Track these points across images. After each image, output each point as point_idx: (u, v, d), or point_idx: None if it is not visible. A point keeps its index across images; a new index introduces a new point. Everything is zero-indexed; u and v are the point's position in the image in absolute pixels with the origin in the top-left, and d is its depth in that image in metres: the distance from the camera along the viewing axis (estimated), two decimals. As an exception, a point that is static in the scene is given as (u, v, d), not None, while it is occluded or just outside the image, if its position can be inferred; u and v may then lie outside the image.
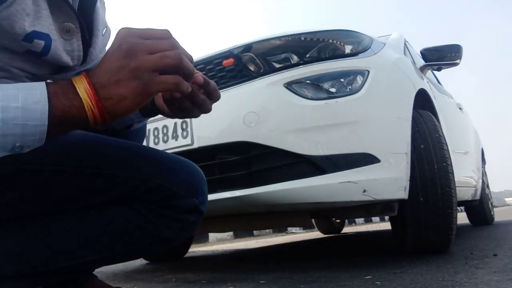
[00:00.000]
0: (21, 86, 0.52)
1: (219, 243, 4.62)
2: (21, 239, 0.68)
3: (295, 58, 1.56)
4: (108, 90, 0.53)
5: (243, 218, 1.87)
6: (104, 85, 0.53)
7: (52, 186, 0.66)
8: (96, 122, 0.54)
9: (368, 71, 1.52)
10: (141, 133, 0.96)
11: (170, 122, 1.55)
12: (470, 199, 2.89)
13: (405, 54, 2.17)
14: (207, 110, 0.71)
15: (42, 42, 0.60)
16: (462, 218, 4.13)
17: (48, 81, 0.55)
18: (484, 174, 3.79)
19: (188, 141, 1.50)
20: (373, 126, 1.45)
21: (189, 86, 0.57)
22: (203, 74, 0.69)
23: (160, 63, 0.54)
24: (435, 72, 3.03)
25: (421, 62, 2.38)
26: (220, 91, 1.64)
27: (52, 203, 0.69)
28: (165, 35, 0.56)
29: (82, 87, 0.53)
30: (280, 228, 6.07)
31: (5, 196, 0.65)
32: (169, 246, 0.78)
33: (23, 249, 0.68)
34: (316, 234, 4.88)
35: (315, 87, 1.46)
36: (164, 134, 1.56)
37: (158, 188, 0.71)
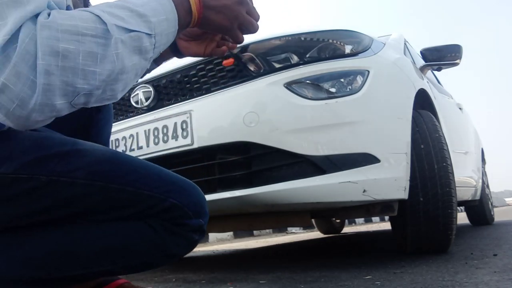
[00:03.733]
0: None
1: (219, 243, 4.62)
2: (42, 246, 0.70)
3: (295, 58, 1.56)
4: (210, 2, 0.71)
5: (243, 218, 1.87)
6: None
7: (80, 199, 0.69)
8: (193, 22, 0.70)
9: (368, 71, 1.52)
10: (110, 119, 1.01)
11: (170, 122, 1.55)
12: (470, 199, 2.89)
13: (405, 54, 2.16)
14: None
15: None
16: (462, 218, 4.13)
17: None
18: (484, 174, 3.79)
19: (188, 141, 1.50)
20: (373, 126, 1.45)
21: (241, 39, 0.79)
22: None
23: (245, 20, 0.76)
24: (435, 72, 3.03)
25: (421, 62, 2.38)
26: (220, 91, 1.65)
27: (76, 214, 0.71)
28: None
29: None
30: (280, 228, 6.07)
31: (36, 205, 0.68)
32: (172, 261, 0.81)
33: (43, 256, 0.70)
34: (316, 234, 4.88)
35: (315, 87, 1.46)
36: (164, 134, 1.56)
37: (172, 207, 0.75)
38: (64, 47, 0.51)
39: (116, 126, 1.70)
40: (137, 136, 1.64)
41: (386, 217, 6.22)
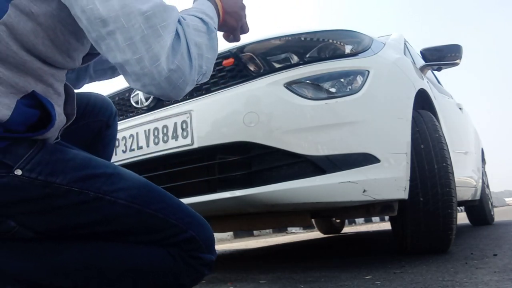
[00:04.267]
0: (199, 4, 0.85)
1: (219, 243, 4.62)
2: (77, 257, 0.76)
3: (295, 58, 1.56)
4: (229, 7, 0.90)
5: (243, 218, 1.87)
6: (229, 5, 0.90)
7: (118, 218, 0.76)
8: (218, 24, 0.88)
9: (368, 71, 1.52)
10: (115, 137, 1.10)
11: (170, 122, 1.55)
12: (470, 199, 2.89)
13: (405, 54, 2.16)
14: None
15: None
16: (462, 218, 4.13)
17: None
18: (484, 174, 3.79)
19: (188, 141, 1.50)
20: (373, 126, 1.45)
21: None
22: None
23: (244, 23, 0.95)
24: (435, 72, 3.03)
25: (421, 62, 2.38)
26: (220, 91, 1.64)
27: (112, 232, 0.78)
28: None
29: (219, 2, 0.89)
30: (280, 228, 6.07)
31: (81, 218, 0.75)
32: None
33: (76, 266, 0.75)
34: (316, 234, 4.87)
35: (315, 87, 1.46)
36: (164, 134, 1.56)
37: (191, 239, 0.81)
38: (197, 40, 0.75)
39: (116, 126, 1.70)
40: (137, 136, 1.64)
41: (386, 217, 6.21)
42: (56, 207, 0.72)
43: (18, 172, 0.68)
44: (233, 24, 0.92)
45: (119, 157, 1.66)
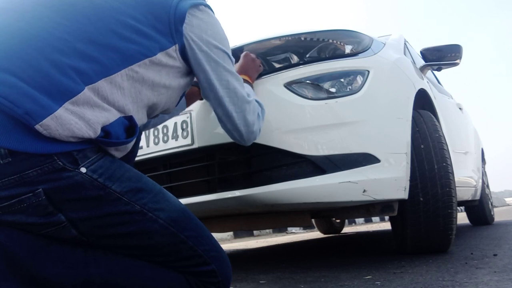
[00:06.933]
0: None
1: (219, 243, 4.62)
2: (99, 272, 0.79)
3: (295, 58, 1.56)
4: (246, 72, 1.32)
5: (243, 218, 1.87)
6: (254, 78, 1.40)
7: (153, 236, 0.81)
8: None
9: (368, 71, 1.52)
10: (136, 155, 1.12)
11: (170, 122, 1.55)
12: (470, 199, 2.89)
13: (405, 54, 2.16)
14: None
15: None
16: (462, 218, 4.13)
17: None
18: (484, 174, 3.78)
19: (188, 141, 1.49)
20: (373, 126, 1.45)
21: None
22: None
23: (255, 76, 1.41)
24: (435, 72, 3.03)
25: (421, 62, 2.38)
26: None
27: (143, 248, 0.82)
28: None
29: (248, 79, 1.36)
30: (280, 228, 6.07)
31: (121, 228, 0.79)
32: None
33: (97, 280, 0.78)
34: (316, 234, 4.87)
35: (315, 87, 1.46)
36: (164, 134, 1.56)
37: (211, 273, 0.86)
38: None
39: (116, 126, 1.69)
40: (137, 136, 1.63)
41: (386, 217, 6.20)
42: (102, 212, 0.76)
43: (83, 169, 0.74)
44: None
45: (119, 157, 1.66)
